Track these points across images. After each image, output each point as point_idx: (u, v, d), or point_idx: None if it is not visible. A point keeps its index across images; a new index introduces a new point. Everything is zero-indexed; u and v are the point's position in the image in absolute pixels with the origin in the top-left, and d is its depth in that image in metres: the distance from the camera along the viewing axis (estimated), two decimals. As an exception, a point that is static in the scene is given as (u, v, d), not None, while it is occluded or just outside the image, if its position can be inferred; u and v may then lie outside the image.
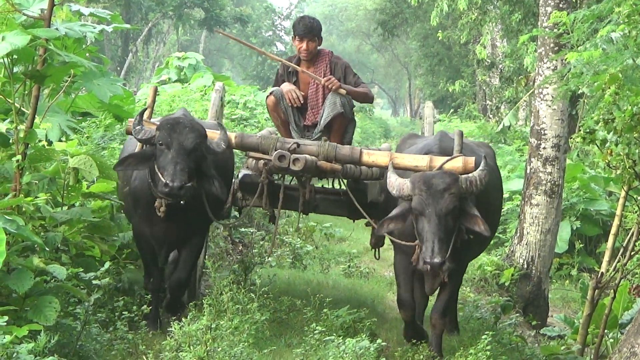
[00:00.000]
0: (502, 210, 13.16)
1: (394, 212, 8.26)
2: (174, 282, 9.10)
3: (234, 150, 9.74)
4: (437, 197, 7.82)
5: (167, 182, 7.93)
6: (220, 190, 8.63)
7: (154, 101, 9.12)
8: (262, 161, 9.07)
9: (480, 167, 8.07)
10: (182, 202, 8.24)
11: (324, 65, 10.18)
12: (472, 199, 8.16)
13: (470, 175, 8.06)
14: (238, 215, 11.53)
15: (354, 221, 10.63)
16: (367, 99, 10.36)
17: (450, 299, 9.18)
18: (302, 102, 10.04)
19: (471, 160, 8.32)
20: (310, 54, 10.14)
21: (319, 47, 10.30)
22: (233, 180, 10.06)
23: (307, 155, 8.73)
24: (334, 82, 9.77)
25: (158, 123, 8.52)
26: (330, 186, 10.46)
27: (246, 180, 9.80)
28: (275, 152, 8.66)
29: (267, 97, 10.19)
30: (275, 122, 10.32)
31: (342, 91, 9.84)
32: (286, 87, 10.07)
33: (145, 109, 8.79)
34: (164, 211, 8.40)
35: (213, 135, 8.70)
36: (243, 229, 14.89)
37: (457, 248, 8.06)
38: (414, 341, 8.86)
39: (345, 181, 9.80)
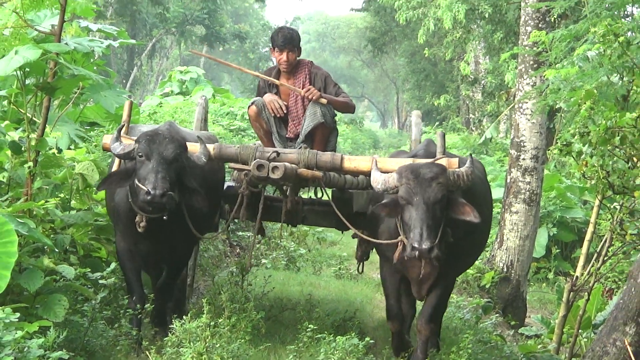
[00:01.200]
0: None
1: (386, 199, 7.69)
2: (158, 287, 8.55)
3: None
4: (425, 185, 7.26)
5: (149, 189, 7.30)
6: (202, 202, 8.01)
7: (129, 116, 8.47)
8: (243, 172, 8.46)
9: (467, 165, 7.56)
10: (164, 217, 7.61)
11: (304, 75, 9.50)
12: (460, 195, 7.56)
13: (457, 169, 7.55)
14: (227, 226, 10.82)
15: (342, 232, 9.85)
16: (348, 108, 9.58)
17: (438, 307, 8.31)
18: (285, 112, 9.39)
19: (455, 160, 7.81)
20: (290, 65, 9.48)
21: (298, 58, 9.64)
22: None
23: (286, 163, 8.05)
24: (314, 92, 9.16)
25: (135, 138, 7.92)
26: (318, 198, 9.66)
27: (230, 192, 9.12)
28: (254, 162, 7.99)
29: (249, 107, 9.53)
30: (258, 133, 9.66)
31: (323, 100, 9.21)
32: (268, 97, 9.41)
33: (122, 126, 8.23)
34: (144, 227, 7.76)
35: (193, 148, 8.15)
36: (240, 233, 14.92)
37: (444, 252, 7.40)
38: (403, 354, 8.47)
39: (329, 191, 9.21)
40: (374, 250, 9.23)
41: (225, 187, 9.27)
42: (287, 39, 9.37)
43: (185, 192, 7.87)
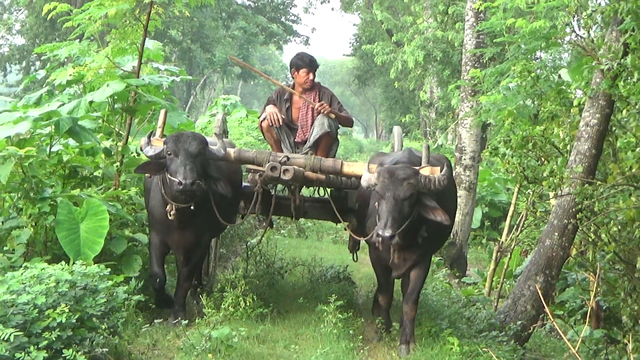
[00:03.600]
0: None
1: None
2: (181, 273, 7.53)
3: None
4: (397, 184, 6.49)
5: (180, 180, 6.61)
6: (226, 188, 7.20)
7: (164, 122, 7.62)
8: (257, 173, 7.60)
9: (442, 172, 6.71)
10: (191, 207, 6.92)
11: (315, 93, 8.53)
12: (433, 197, 6.68)
13: (431, 175, 6.69)
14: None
15: (336, 224, 8.97)
16: (349, 122, 8.66)
17: (419, 288, 7.29)
18: (281, 123, 8.31)
19: (437, 169, 6.86)
20: (312, 83, 8.53)
21: None
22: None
23: (295, 167, 7.36)
24: (326, 107, 8.29)
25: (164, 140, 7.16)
26: (317, 196, 8.87)
27: (245, 190, 8.21)
28: (268, 164, 7.29)
29: (262, 121, 8.49)
30: (269, 141, 8.63)
31: (332, 115, 8.33)
32: (269, 109, 8.38)
33: (152, 132, 7.35)
34: (174, 214, 6.96)
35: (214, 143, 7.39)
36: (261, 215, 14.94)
37: (418, 243, 6.81)
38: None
39: (329, 190, 8.48)
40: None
41: (242, 187, 8.36)
42: (313, 62, 8.54)
43: (211, 181, 7.13)
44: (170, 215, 6.97)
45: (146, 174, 7.44)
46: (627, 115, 6.90)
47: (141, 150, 7.23)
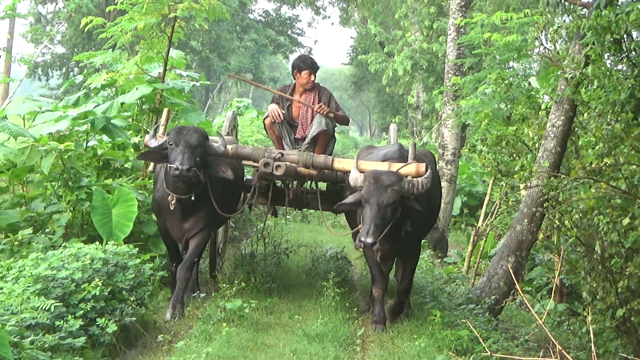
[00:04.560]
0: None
1: (349, 198, 6.38)
2: (183, 265, 6.73)
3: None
4: (381, 190, 6.02)
5: (177, 165, 6.15)
6: (226, 172, 6.66)
7: (167, 120, 7.14)
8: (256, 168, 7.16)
9: (425, 175, 6.21)
10: (191, 197, 6.45)
11: (315, 93, 7.97)
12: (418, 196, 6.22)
13: (414, 179, 6.17)
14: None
15: (336, 215, 8.40)
16: (345, 121, 8.12)
17: (411, 276, 6.98)
18: (282, 118, 7.78)
19: (422, 165, 6.40)
20: (313, 83, 8.00)
21: None
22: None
23: (287, 162, 6.89)
24: (324, 109, 7.77)
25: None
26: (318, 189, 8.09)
27: (247, 183, 7.62)
28: (262, 160, 6.83)
29: (265, 118, 7.96)
30: (272, 138, 8.08)
31: (331, 115, 7.82)
32: (271, 106, 7.88)
33: (158, 126, 6.99)
34: (175, 204, 6.44)
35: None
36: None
37: (402, 236, 6.30)
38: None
39: (326, 184, 8.04)
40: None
41: (245, 180, 7.79)
42: (314, 64, 7.96)
43: (212, 168, 6.59)
44: (171, 205, 6.45)
45: (150, 163, 7.02)
46: (587, 118, 6.89)
47: (145, 145, 6.74)
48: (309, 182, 7.92)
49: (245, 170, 8.07)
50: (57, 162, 7.34)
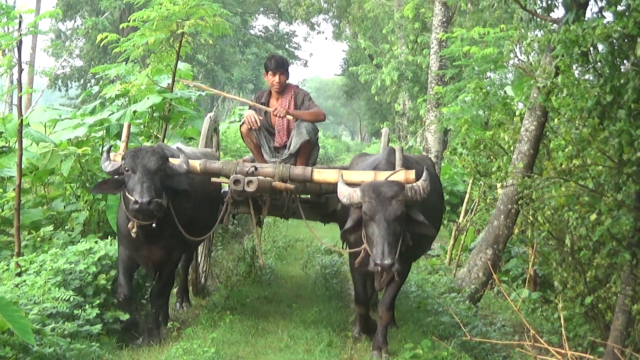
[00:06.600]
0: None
1: (349, 222, 5.09)
2: (154, 291, 5.68)
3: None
4: (386, 203, 4.83)
5: (137, 199, 4.92)
6: (189, 200, 5.40)
7: (128, 137, 5.80)
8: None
9: (423, 177, 5.06)
10: (153, 224, 5.13)
11: (290, 95, 6.71)
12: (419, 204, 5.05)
13: (414, 184, 4.99)
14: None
15: (325, 224, 7.22)
16: (318, 117, 6.62)
17: (396, 295, 5.60)
18: (259, 124, 6.52)
19: (411, 172, 5.25)
20: (282, 86, 6.68)
21: (287, 81, 6.81)
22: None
23: (260, 177, 5.51)
24: (280, 110, 6.50)
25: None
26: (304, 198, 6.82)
27: (223, 195, 5.97)
28: (232, 177, 5.46)
29: (241, 126, 6.74)
30: (249, 146, 6.85)
31: (289, 117, 6.48)
32: (247, 112, 6.57)
33: (111, 146, 5.66)
34: (136, 232, 5.16)
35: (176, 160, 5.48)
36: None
37: (402, 252, 4.85)
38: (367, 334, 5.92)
39: (309, 196, 6.73)
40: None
41: (222, 192, 6.26)
42: (279, 64, 6.71)
43: (176, 195, 5.36)
44: (132, 233, 5.19)
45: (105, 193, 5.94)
46: (558, 123, 6.89)
47: (101, 167, 5.69)
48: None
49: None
50: (75, 165, 7.34)
